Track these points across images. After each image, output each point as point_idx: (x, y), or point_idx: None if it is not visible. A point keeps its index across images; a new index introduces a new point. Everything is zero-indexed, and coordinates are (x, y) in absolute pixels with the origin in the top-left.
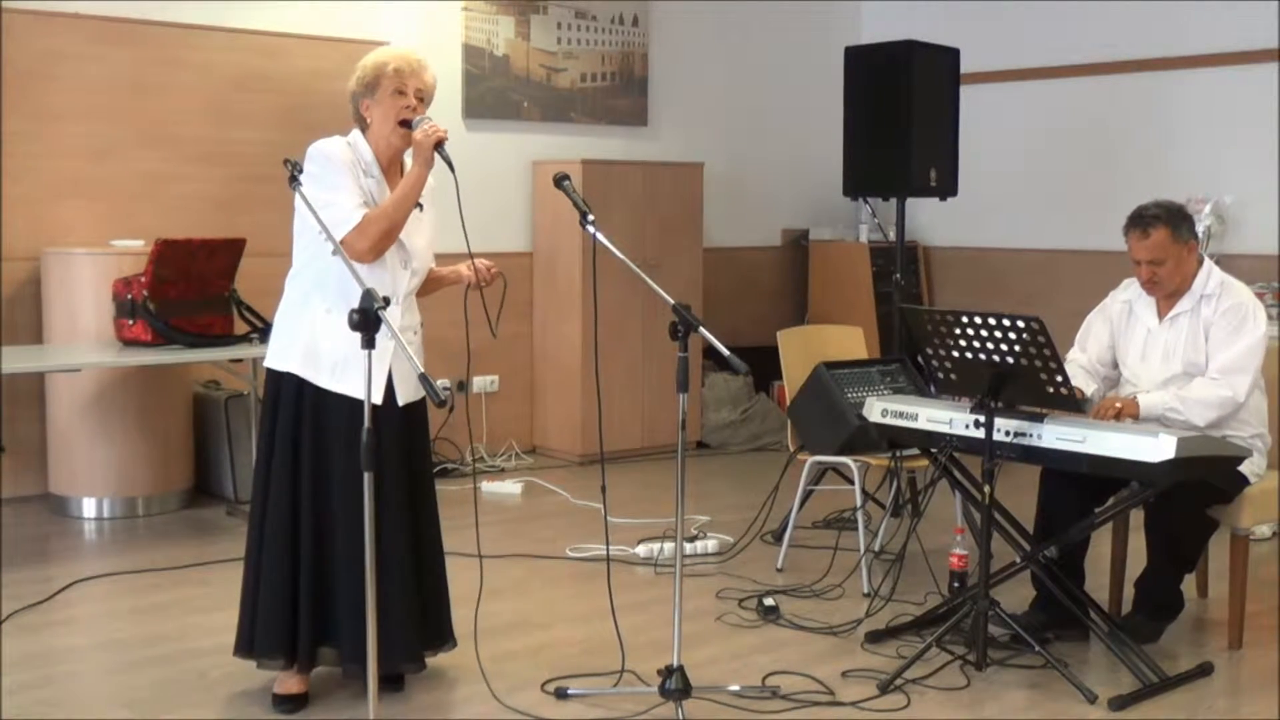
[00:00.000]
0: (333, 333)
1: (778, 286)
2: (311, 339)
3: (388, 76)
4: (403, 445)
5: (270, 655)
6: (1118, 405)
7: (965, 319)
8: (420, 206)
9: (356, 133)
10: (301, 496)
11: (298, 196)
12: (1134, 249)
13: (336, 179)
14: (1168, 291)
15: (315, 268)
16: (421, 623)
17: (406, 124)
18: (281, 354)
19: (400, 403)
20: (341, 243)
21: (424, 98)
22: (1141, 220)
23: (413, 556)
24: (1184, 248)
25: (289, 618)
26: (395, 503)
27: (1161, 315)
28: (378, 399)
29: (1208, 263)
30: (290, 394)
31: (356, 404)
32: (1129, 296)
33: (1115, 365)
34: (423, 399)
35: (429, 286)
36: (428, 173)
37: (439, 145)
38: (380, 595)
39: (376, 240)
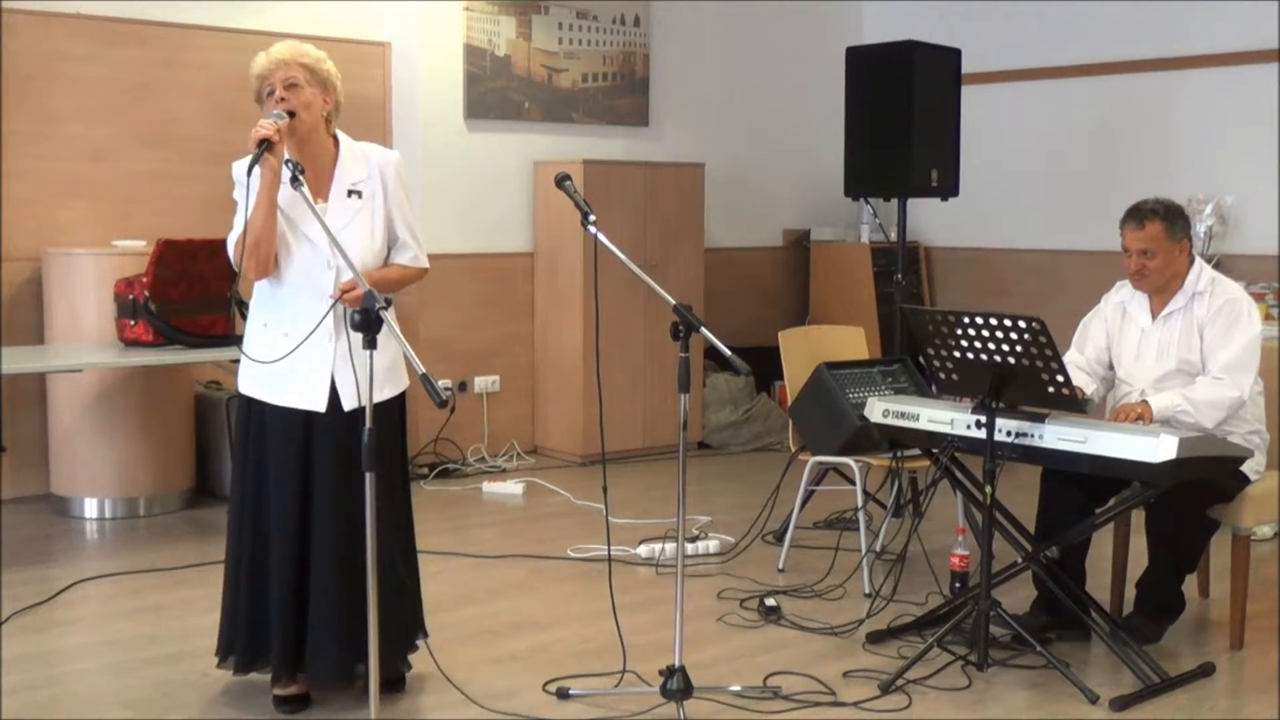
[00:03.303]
0: (270, 347)
1: (779, 287)
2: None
3: (258, 88)
4: (342, 453)
5: (253, 667)
6: (1138, 411)
7: (966, 319)
8: (359, 194)
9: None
10: (245, 512)
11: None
12: (1127, 238)
13: (241, 203)
14: (1155, 285)
15: (258, 283)
16: (353, 636)
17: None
18: (240, 373)
19: (346, 408)
20: (242, 266)
21: (295, 81)
22: (1139, 213)
23: (346, 566)
24: (1176, 246)
25: (257, 632)
26: (328, 514)
27: (1154, 314)
28: (321, 406)
29: (1199, 261)
30: (243, 407)
31: (292, 413)
32: (1122, 298)
33: (1112, 366)
34: (390, 401)
35: (390, 285)
36: (267, 172)
37: (261, 144)
38: (312, 608)
39: (249, 256)
